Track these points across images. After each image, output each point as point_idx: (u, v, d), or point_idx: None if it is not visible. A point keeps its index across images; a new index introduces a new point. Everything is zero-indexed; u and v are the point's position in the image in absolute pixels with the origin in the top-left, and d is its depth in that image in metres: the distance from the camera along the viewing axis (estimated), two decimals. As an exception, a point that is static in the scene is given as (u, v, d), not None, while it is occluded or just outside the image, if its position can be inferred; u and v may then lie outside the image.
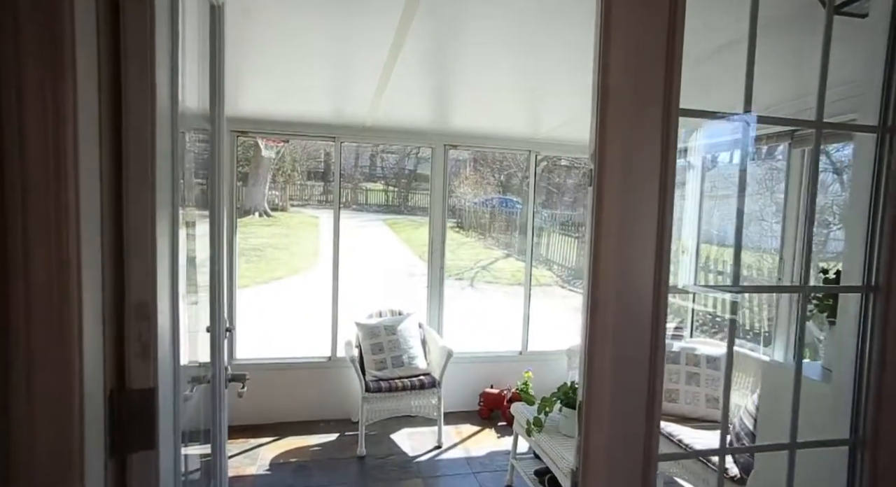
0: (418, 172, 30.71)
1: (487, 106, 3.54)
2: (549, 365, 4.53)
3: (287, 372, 4.03)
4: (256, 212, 18.36)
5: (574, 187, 22.53)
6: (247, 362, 3.99)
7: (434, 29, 2.30)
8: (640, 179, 0.99)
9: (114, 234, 0.83)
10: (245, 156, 19.67)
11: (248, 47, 2.59)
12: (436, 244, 4.30)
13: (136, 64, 0.85)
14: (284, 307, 9.54)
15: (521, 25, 2.26)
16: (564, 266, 14.15)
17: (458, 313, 4.26)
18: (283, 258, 13.60)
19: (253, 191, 18.58)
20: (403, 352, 3.80)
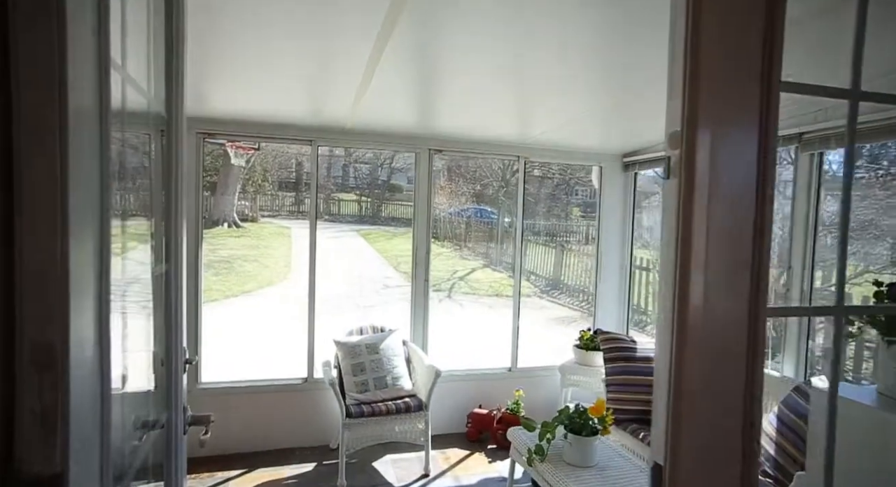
0: (392, 183, 30.61)
1: (475, 109, 3.32)
2: (540, 381, 4.30)
3: (258, 395, 3.68)
4: (225, 222, 17.75)
5: (548, 197, 22.62)
6: (213, 386, 3.62)
7: (421, 25, 2.08)
8: (734, 170, 0.76)
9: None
10: (213, 164, 19.11)
11: (216, 39, 2.30)
12: (420, 256, 4.03)
13: (33, 17, 0.57)
14: (256, 323, 9.08)
15: (510, 26, 2.06)
16: (542, 276, 14.04)
17: (440, 326, 4.05)
18: (253, 270, 13.09)
19: (221, 201, 17.98)
20: (387, 373, 3.51)
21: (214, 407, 3.62)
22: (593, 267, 4.66)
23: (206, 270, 12.07)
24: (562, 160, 4.54)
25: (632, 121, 3.61)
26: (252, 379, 3.74)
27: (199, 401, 3.56)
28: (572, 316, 10.59)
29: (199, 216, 3.53)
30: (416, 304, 4.04)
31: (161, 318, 1.29)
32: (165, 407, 1.28)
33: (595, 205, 17.76)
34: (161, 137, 1.33)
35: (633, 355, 3.31)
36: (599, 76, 2.69)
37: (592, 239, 21.08)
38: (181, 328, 1.35)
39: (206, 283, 11.26)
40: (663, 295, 0.79)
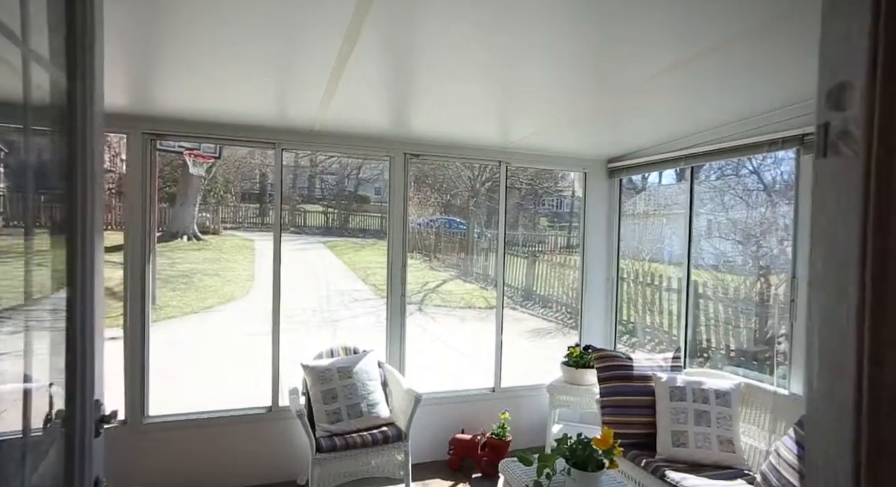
0: (359, 193, 30.15)
1: (453, 109, 3.05)
2: (526, 402, 4.02)
3: (217, 428, 3.27)
4: (185, 235, 16.96)
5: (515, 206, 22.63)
6: (163, 420, 3.19)
7: (395, 18, 1.80)
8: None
9: None
10: (172, 175, 18.29)
11: (163, 27, 1.96)
12: (395, 270, 3.71)
13: None
14: (215, 342, 8.52)
15: (488, 23, 1.83)
16: (514, 287, 13.88)
17: (414, 342, 3.78)
18: (214, 285, 12.43)
19: (181, 213, 17.20)
20: (361, 399, 3.16)
21: (165, 445, 3.21)
22: (565, 277, 4.43)
23: (163, 286, 11.41)
24: (544, 165, 4.32)
25: (616, 126, 3.42)
26: (209, 409, 3.32)
27: (147, 439, 3.13)
28: (548, 327, 10.41)
29: (147, 228, 3.12)
30: (392, 322, 3.71)
31: (62, 359, 0.94)
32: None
33: (563, 215, 17.81)
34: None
35: (630, 374, 3.07)
36: (582, 77, 2.47)
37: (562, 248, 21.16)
38: (92, 371, 1.00)
39: (162, 299, 10.65)
40: (824, 315, 0.52)
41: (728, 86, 2.53)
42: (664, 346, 7.81)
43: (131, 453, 3.10)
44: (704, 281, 7.57)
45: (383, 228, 24.30)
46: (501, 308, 4.16)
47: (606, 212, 4.32)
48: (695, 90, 2.60)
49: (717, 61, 2.16)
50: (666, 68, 2.25)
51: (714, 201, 11.83)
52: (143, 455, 3.11)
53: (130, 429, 3.10)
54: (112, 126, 3.00)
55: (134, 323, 3.11)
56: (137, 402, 3.10)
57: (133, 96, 2.80)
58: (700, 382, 2.91)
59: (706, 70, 2.28)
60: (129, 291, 3.06)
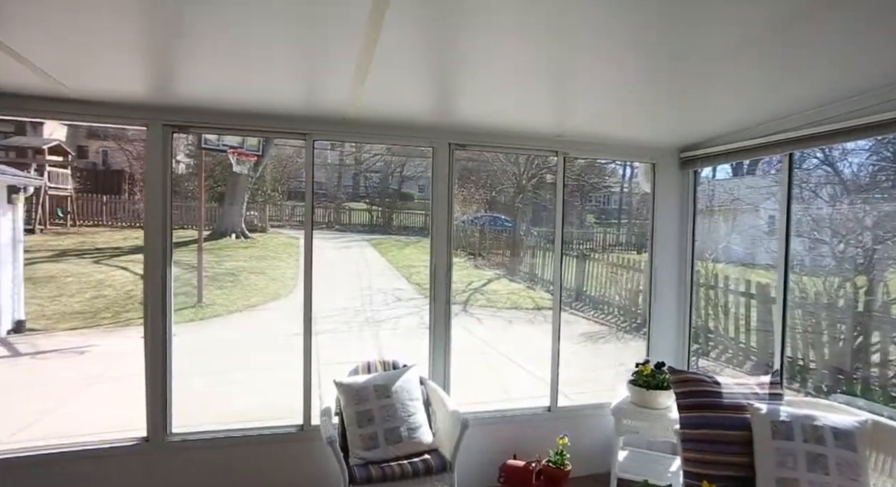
0: (403, 191, 30.11)
1: (504, 94, 2.63)
2: (585, 423, 3.56)
3: (244, 447, 2.98)
4: (233, 233, 17.25)
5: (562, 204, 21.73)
6: (187, 438, 2.92)
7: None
8: None
9: None
10: (222, 174, 18.66)
11: (182, 8, 1.66)
12: (439, 272, 3.32)
13: None
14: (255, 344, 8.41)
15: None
16: (563, 287, 13.24)
17: (459, 347, 3.46)
18: (259, 283, 12.47)
19: (229, 211, 17.52)
20: (401, 422, 2.79)
21: (188, 464, 2.95)
22: (618, 277, 3.91)
23: (210, 283, 11.50)
24: (606, 156, 3.83)
25: (691, 108, 2.89)
26: (235, 428, 3.04)
27: (170, 458, 2.88)
28: (600, 331, 9.79)
29: (167, 227, 2.85)
30: (436, 332, 3.33)
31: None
32: None
33: (611, 211, 16.95)
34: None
35: (719, 402, 2.55)
36: (652, 48, 2.00)
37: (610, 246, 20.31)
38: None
39: (209, 297, 10.71)
40: None
41: (840, 54, 2.00)
42: (730, 354, 7.11)
43: (153, 472, 2.85)
44: (766, 283, 6.83)
45: (427, 226, 24.10)
46: (559, 315, 3.70)
47: (678, 209, 3.78)
48: (792, 60, 2.09)
49: (827, 21, 1.67)
50: (757, 31, 1.77)
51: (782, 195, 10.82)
52: (164, 475, 2.86)
53: (153, 446, 2.85)
54: (129, 118, 2.75)
55: (155, 331, 2.85)
56: (159, 418, 2.85)
57: (152, 85, 2.53)
58: (811, 417, 2.36)
59: (813, 32, 1.78)
60: (149, 296, 2.81)
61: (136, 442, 2.83)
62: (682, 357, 3.76)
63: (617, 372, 7.29)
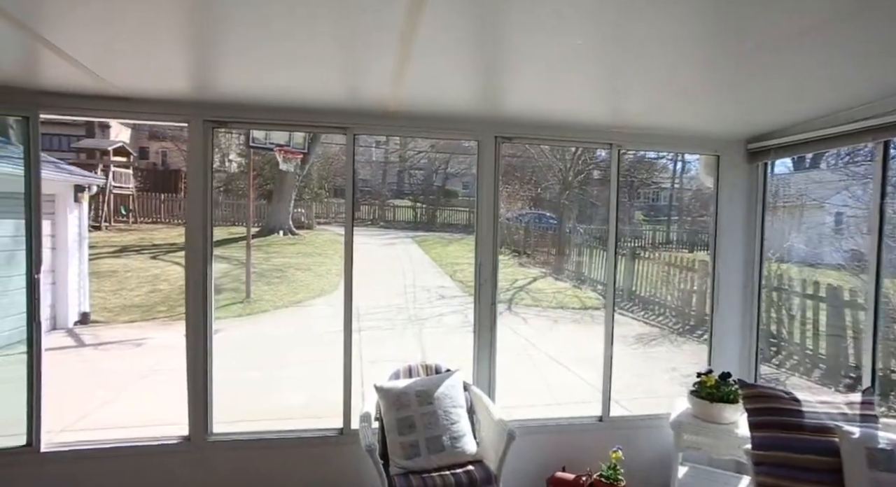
0: (447, 188, 30.08)
1: (555, 84, 2.44)
2: (640, 435, 3.31)
3: (283, 450, 2.92)
4: (281, 230, 17.66)
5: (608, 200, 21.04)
6: (227, 439, 2.89)
7: None
8: None
9: None
10: (271, 173, 19.14)
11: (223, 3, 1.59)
12: (484, 272, 3.15)
13: None
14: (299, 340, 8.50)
15: None
16: (610, 285, 12.78)
17: (504, 348, 3.32)
18: (305, 279, 12.67)
19: (277, 209, 17.94)
20: (443, 430, 2.65)
21: (228, 465, 2.91)
22: (671, 276, 3.61)
23: (258, 279, 11.76)
24: (664, 148, 3.56)
25: (764, 97, 2.59)
26: (275, 429, 2.99)
27: (210, 459, 2.85)
28: (651, 333, 9.36)
29: (208, 225, 2.83)
30: (481, 335, 3.16)
31: None
32: None
33: (661, 208, 16.22)
34: None
35: (799, 422, 2.27)
36: (720, 26, 1.76)
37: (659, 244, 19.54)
38: None
39: (257, 293, 10.94)
40: None
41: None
42: (796, 361, 6.60)
43: (193, 472, 2.84)
44: (838, 285, 6.27)
45: (471, 223, 23.98)
46: (612, 317, 3.46)
47: (744, 205, 3.46)
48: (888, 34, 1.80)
49: None
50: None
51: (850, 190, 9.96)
52: (204, 475, 2.84)
53: (194, 446, 2.84)
54: (171, 114, 2.73)
55: (196, 330, 2.83)
56: (201, 418, 2.83)
57: (193, 81, 2.49)
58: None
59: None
60: (190, 293, 2.78)
61: (178, 441, 2.83)
62: (748, 366, 3.44)
63: (671, 377, 6.91)
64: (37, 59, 2.21)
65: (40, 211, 2.66)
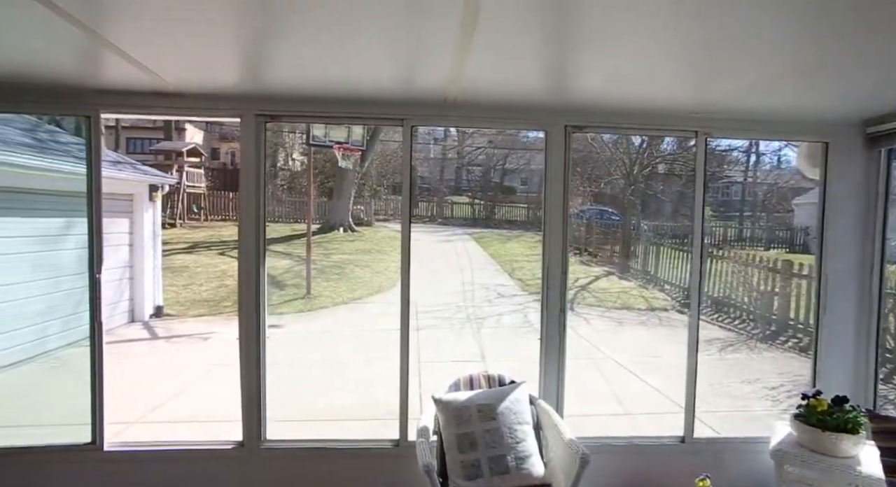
0: (505, 184, 29.66)
1: (633, 65, 2.12)
2: (730, 461, 2.93)
3: (336, 461, 2.79)
4: (341, 227, 17.96)
5: (674, 195, 19.94)
6: (281, 447, 2.79)
7: None
8: None
9: None
10: (332, 171, 19.52)
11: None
12: (552, 274, 2.87)
13: None
14: (357, 337, 8.50)
15: None
16: (677, 285, 12.09)
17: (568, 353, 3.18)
18: (364, 276, 12.76)
19: (338, 206, 18.26)
20: (508, 449, 2.41)
21: (281, 474, 2.81)
22: (748, 277, 3.15)
23: (318, 276, 11.96)
24: (758, 135, 3.14)
25: (892, 64, 2.14)
26: (329, 439, 2.85)
27: (262, 466, 2.76)
28: (727, 338, 8.65)
29: (261, 221, 2.72)
30: (548, 343, 2.89)
31: None
32: None
33: (733, 203, 15.04)
34: None
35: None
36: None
37: (731, 241, 18.25)
38: None
39: (316, 289, 11.11)
40: None
41: None
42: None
43: (245, 479, 2.76)
44: None
45: (530, 219, 23.50)
46: (697, 325, 3.08)
47: (861, 199, 2.97)
48: None
49: None
50: None
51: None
52: (256, 482, 2.76)
53: (247, 452, 2.75)
54: (224, 109, 2.64)
55: (249, 330, 2.74)
56: (254, 424, 2.74)
57: (245, 75, 2.38)
58: None
59: None
60: (243, 293, 2.69)
61: (231, 446, 2.76)
62: (864, 388, 2.96)
63: (753, 389, 6.29)
64: (99, 59, 2.20)
65: (101, 209, 2.64)
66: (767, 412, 4.96)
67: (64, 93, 2.54)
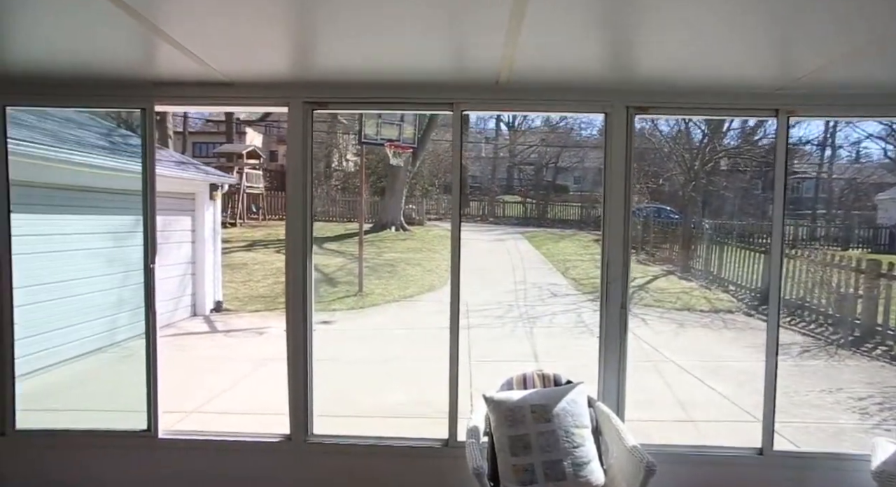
0: (558, 183, 29.08)
1: (706, 36, 1.90)
2: (816, 478, 2.61)
3: (384, 458, 2.70)
4: (393, 226, 18.13)
5: (739, 192, 18.74)
6: (328, 441, 2.74)
7: None
8: None
9: None
10: (385, 171, 19.75)
11: None
12: (613, 268, 2.66)
13: None
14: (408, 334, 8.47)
15: None
16: (746, 287, 11.35)
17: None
18: (415, 275, 12.78)
19: (390, 205, 18.44)
20: (564, 455, 2.24)
21: (326, 468, 2.74)
22: (827, 278, 2.78)
23: (370, 274, 12.09)
24: (856, 114, 2.77)
25: None
26: (376, 435, 2.77)
27: (309, 460, 2.72)
28: (803, 343, 8.00)
29: (308, 215, 2.68)
30: (608, 344, 2.68)
31: None
32: None
33: (804, 200, 13.96)
34: None
35: None
36: None
37: (802, 241, 16.98)
38: None
39: (368, 287, 11.21)
40: None
41: None
42: None
43: (291, 471, 2.73)
44: None
45: (583, 218, 22.90)
46: (776, 328, 2.78)
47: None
48: None
49: None
50: None
51: None
52: (302, 475, 2.72)
53: (294, 446, 2.72)
54: (272, 97, 2.62)
55: (296, 325, 2.70)
56: (301, 418, 2.70)
57: (293, 62, 2.35)
58: None
59: None
60: (290, 289, 2.65)
61: (279, 439, 2.74)
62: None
63: (836, 399, 5.74)
64: (154, 51, 2.22)
65: (155, 200, 2.68)
66: (857, 426, 4.50)
67: (120, 86, 2.59)
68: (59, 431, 2.84)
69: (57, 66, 2.39)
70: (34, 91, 2.66)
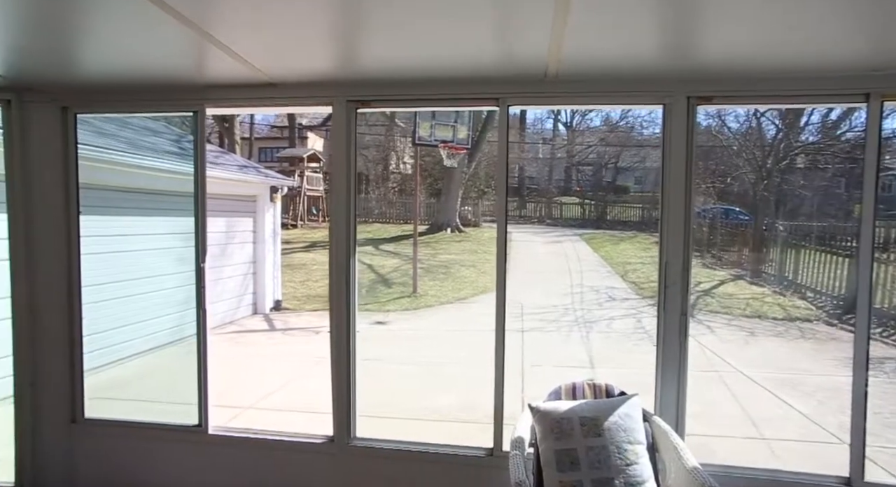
0: (617, 184, 28.14)
1: (778, 14, 1.68)
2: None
3: (427, 465, 2.62)
4: (448, 227, 18.16)
5: (818, 190, 17.23)
6: (371, 445, 2.69)
7: None
8: None
9: None
10: (440, 173, 19.84)
11: None
12: (672, 271, 2.45)
13: None
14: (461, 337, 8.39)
15: None
16: (827, 294, 10.45)
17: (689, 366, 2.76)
18: (469, 276, 12.70)
19: (445, 206, 18.49)
20: (616, 472, 2.07)
21: (368, 473, 2.68)
22: None
23: (424, 275, 12.14)
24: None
25: None
26: (419, 442, 2.70)
27: (351, 463, 2.69)
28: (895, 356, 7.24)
29: (351, 214, 2.65)
30: (666, 352, 2.47)
31: None
32: None
33: (894, 200, 12.59)
34: None
35: None
36: None
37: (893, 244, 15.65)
38: None
39: (423, 288, 11.24)
40: None
41: None
42: None
43: (333, 474, 2.71)
44: None
45: (644, 220, 22.00)
46: (866, 339, 2.46)
47: None
48: None
49: None
50: None
51: None
52: (343, 479, 2.69)
53: (337, 448, 2.70)
54: (316, 97, 2.61)
55: (339, 327, 2.68)
56: (344, 420, 2.68)
57: (337, 60, 2.33)
58: None
59: None
60: (334, 290, 2.63)
61: (322, 441, 2.73)
62: None
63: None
64: (204, 55, 2.27)
65: (206, 200, 2.75)
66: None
67: (173, 90, 2.68)
68: (122, 422, 2.97)
69: (117, 75, 2.50)
70: (100, 99, 2.80)
